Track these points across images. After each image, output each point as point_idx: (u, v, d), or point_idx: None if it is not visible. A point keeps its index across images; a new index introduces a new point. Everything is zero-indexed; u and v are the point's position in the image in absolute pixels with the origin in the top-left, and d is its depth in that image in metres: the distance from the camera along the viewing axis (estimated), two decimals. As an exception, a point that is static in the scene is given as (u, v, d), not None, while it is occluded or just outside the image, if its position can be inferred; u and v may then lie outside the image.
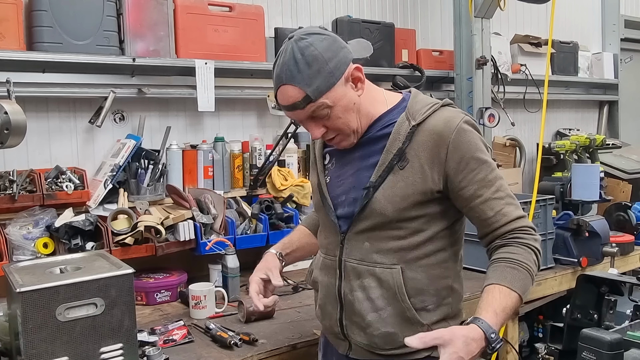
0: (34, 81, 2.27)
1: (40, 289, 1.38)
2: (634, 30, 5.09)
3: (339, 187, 1.48)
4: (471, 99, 3.35)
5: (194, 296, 2.07)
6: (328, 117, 1.37)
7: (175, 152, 2.58)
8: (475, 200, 1.39)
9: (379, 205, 1.39)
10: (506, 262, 1.36)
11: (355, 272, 1.44)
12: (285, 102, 1.36)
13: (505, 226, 1.39)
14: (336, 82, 1.34)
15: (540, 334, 2.69)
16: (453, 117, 1.38)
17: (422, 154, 1.37)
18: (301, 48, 1.31)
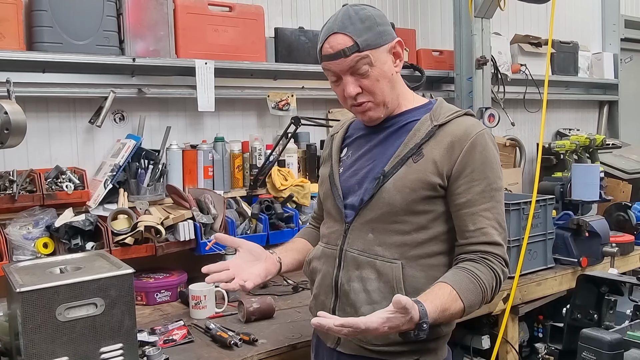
0: (34, 81, 2.27)
1: (40, 289, 1.38)
2: (634, 30, 5.09)
3: (352, 177, 1.51)
4: (471, 99, 3.36)
5: (194, 296, 2.07)
6: (367, 76, 1.41)
7: (175, 152, 2.58)
8: (463, 210, 1.40)
9: (388, 194, 1.41)
10: (468, 272, 1.37)
11: (355, 263, 1.45)
12: (331, 50, 1.39)
13: (480, 245, 1.39)
14: (383, 44, 1.41)
15: (540, 334, 2.69)
16: (474, 126, 1.43)
17: (437, 152, 1.41)
18: (355, 9, 1.40)
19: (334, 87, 1.48)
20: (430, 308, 1.25)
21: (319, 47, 1.43)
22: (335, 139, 1.63)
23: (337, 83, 1.45)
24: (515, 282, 2.34)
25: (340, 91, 1.45)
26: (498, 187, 1.43)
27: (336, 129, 1.67)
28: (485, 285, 1.37)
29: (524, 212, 2.45)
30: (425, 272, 1.43)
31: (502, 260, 1.41)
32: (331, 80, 1.47)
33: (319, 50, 1.43)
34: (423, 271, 1.42)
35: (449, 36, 3.55)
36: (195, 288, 2.09)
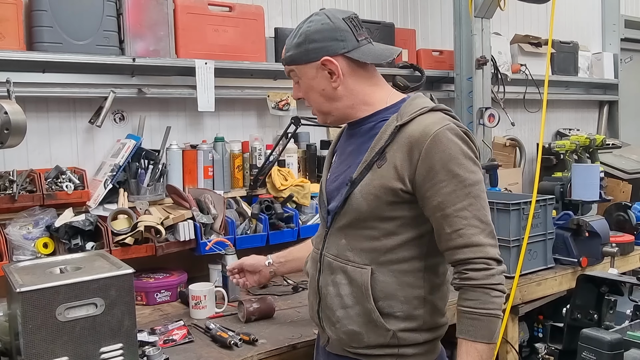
0: (34, 81, 2.27)
1: (40, 289, 1.38)
2: (634, 30, 5.09)
3: (333, 182, 1.54)
4: (471, 99, 3.36)
5: (194, 296, 2.07)
6: (299, 85, 1.52)
7: (175, 152, 2.58)
8: (437, 213, 1.35)
9: (355, 201, 1.42)
10: (467, 313, 1.34)
11: (330, 267, 1.49)
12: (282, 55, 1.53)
13: (458, 251, 1.35)
14: (308, 61, 1.45)
15: (540, 334, 2.69)
16: (434, 123, 1.36)
17: (398, 155, 1.37)
18: (307, 21, 1.47)
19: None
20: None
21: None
22: (333, 141, 1.68)
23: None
24: (515, 282, 2.34)
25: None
26: (472, 182, 1.35)
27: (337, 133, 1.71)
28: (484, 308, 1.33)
29: (524, 212, 2.45)
30: (397, 277, 1.41)
31: (483, 262, 1.34)
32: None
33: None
34: (395, 277, 1.41)
35: (449, 36, 3.55)
36: (195, 288, 2.09)
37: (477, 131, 3.35)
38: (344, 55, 1.44)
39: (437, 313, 1.47)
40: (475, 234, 1.34)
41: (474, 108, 3.34)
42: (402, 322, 1.42)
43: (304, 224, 2.70)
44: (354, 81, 1.47)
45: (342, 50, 1.44)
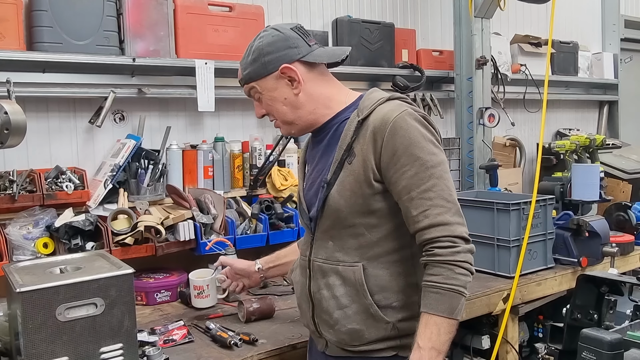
0: (34, 81, 2.27)
1: (40, 289, 1.38)
2: (634, 30, 5.09)
3: (310, 190, 1.56)
4: (471, 99, 3.36)
5: (196, 286, 2.05)
6: (261, 101, 1.53)
7: (175, 152, 2.58)
8: (403, 197, 1.38)
9: (334, 202, 1.43)
10: (430, 287, 1.36)
11: (321, 271, 1.50)
12: (239, 77, 1.56)
13: (424, 232, 1.37)
14: (267, 74, 1.48)
15: (540, 334, 2.69)
16: (392, 110, 1.40)
17: (365, 147, 1.40)
18: (257, 38, 1.51)
19: None
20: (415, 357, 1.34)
21: None
22: (302, 152, 1.69)
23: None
24: (515, 282, 2.34)
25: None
26: (434, 163, 1.37)
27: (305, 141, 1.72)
28: (447, 283, 1.35)
29: (524, 212, 2.45)
30: (389, 268, 1.44)
31: (449, 240, 1.35)
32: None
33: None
34: (386, 268, 1.44)
35: (449, 36, 3.55)
36: (196, 277, 2.08)
37: (477, 131, 3.35)
38: (300, 60, 1.48)
39: None
40: (440, 214, 1.36)
41: (474, 108, 3.34)
42: (400, 312, 1.45)
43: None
44: (313, 85, 1.50)
45: (298, 56, 1.48)
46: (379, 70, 3.26)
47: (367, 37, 3.19)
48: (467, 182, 3.39)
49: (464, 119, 3.40)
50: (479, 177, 3.34)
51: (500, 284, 2.37)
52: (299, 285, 1.60)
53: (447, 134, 3.63)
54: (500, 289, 2.33)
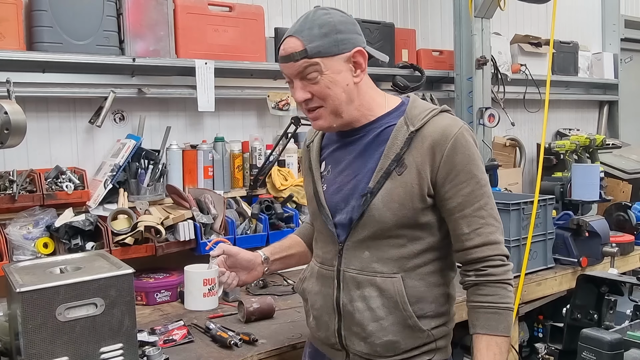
0: (34, 81, 2.27)
1: (40, 289, 1.38)
2: (634, 30, 5.09)
3: (336, 194, 1.45)
4: (471, 99, 3.35)
5: (206, 280, 1.98)
6: (316, 82, 1.36)
7: (175, 152, 2.58)
8: (456, 214, 1.37)
9: (377, 212, 1.37)
10: (487, 308, 1.38)
11: (355, 282, 1.42)
12: (283, 53, 1.37)
13: (476, 250, 1.37)
14: (338, 54, 1.35)
15: (540, 334, 2.69)
16: (452, 125, 1.38)
17: (419, 160, 1.36)
18: (320, 13, 1.36)
19: (290, 89, 1.42)
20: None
21: (278, 49, 1.39)
22: (313, 150, 1.55)
23: (291, 86, 1.41)
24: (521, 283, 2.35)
25: (293, 94, 1.41)
26: (486, 182, 1.40)
27: (310, 138, 1.59)
28: (505, 303, 1.37)
29: (524, 212, 2.45)
30: (424, 279, 1.42)
31: (502, 260, 1.39)
32: (286, 82, 1.42)
33: (279, 51, 1.39)
34: (422, 279, 1.42)
35: (449, 36, 3.54)
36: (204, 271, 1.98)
37: (477, 131, 3.35)
38: (365, 50, 1.39)
39: (454, 302, 1.52)
40: (492, 232, 1.38)
41: (474, 108, 3.34)
42: (434, 320, 1.44)
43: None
44: (364, 81, 1.43)
45: (364, 44, 1.40)
46: (379, 70, 3.25)
47: (367, 37, 3.13)
48: (467, 182, 3.38)
49: (464, 119, 3.37)
50: (479, 177, 3.34)
51: (500, 284, 2.36)
52: (321, 296, 1.48)
53: (447, 134, 3.62)
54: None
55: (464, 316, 2.19)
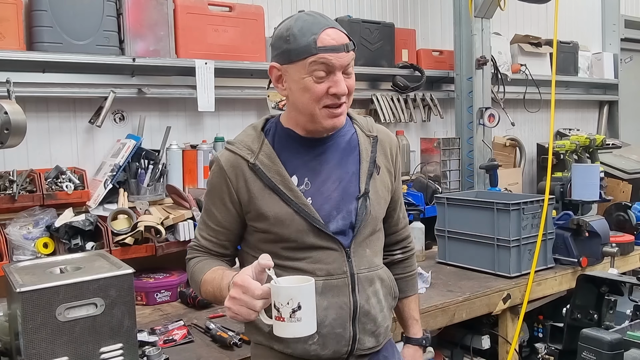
0: (34, 81, 2.27)
1: (40, 289, 1.38)
2: (634, 30, 5.09)
3: (326, 203, 1.42)
4: (471, 99, 3.35)
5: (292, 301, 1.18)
6: (350, 77, 1.38)
7: (175, 152, 2.58)
8: (398, 203, 1.63)
9: (373, 210, 1.47)
10: (412, 276, 1.70)
11: (367, 281, 1.46)
12: (334, 42, 1.33)
13: (404, 230, 1.68)
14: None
15: (540, 334, 2.69)
16: (390, 132, 1.62)
17: (384, 161, 1.54)
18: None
19: (315, 83, 1.34)
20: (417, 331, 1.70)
21: (313, 39, 1.32)
22: (270, 169, 1.40)
23: (324, 79, 1.34)
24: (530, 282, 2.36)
25: (322, 88, 1.34)
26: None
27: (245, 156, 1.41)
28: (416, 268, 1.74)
29: (524, 212, 2.45)
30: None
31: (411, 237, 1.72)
32: (317, 76, 1.33)
33: (313, 42, 1.32)
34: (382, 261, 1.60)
35: (449, 36, 3.55)
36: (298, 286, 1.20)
37: (477, 131, 3.35)
38: None
39: None
40: (406, 216, 1.71)
41: (474, 108, 3.34)
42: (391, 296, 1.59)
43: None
44: None
45: None
46: (379, 70, 3.26)
47: (367, 37, 3.19)
48: (467, 182, 3.39)
49: (464, 119, 3.40)
50: (479, 177, 3.34)
51: (500, 284, 2.37)
52: (333, 309, 1.40)
53: (447, 134, 3.63)
54: (500, 289, 2.33)
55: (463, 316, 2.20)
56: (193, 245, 1.52)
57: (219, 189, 1.43)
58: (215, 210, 1.45)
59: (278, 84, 1.41)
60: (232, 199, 1.42)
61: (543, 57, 4.15)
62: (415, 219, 2.77)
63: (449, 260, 2.68)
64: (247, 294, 1.17)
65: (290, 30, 1.38)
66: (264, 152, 1.42)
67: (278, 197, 1.39)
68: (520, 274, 2.45)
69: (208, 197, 1.47)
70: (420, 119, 3.49)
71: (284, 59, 1.37)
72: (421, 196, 3.05)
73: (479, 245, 2.54)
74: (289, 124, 1.45)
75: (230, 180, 1.41)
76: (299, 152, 1.44)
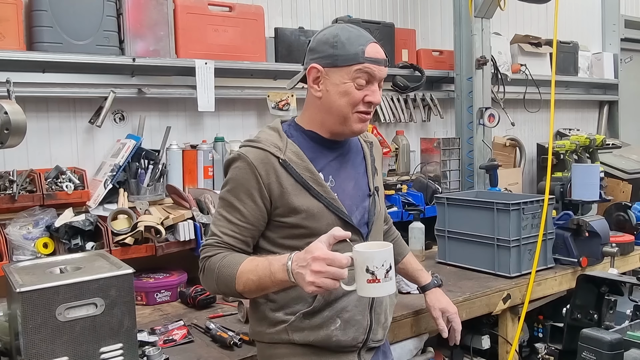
0: (34, 81, 2.27)
1: (40, 289, 1.38)
2: (634, 30, 5.09)
3: (347, 200, 1.53)
4: (471, 99, 3.35)
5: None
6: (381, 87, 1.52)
7: (175, 152, 2.58)
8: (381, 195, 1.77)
9: (380, 206, 1.63)
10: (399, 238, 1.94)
11: None
12: (379, 56, 1.50)
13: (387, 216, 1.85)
14: None
15: (540, 334, 2.69)
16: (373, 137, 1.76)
17: (377, 163, 1.69)
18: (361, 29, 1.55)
19: (355, 89, 1.46)
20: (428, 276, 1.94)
21: (361, 49, 1.45)
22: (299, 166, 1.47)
23: (363, 87, 1.47)
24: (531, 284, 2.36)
25: (360, 95, 1.46)
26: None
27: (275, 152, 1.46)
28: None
29: (523, 212, 2.45)
30: None
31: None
32: (358, 84, 1.45)
33: (361, 52, 1.45)
34: None
35: (449, 36, 3.55)
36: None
37: (477, 131, 3.35)
38: None
39: None
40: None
41: (474, 108, 3.34)
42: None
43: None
44: None
45: None
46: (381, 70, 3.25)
47: (367, 37, 3.19)
48: (467, 182, 3.39)
49: (464, 119, 3.40)
50: (479, 177, 3.34)
51: (500, 284, 2.37)
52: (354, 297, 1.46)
53: (447, 134, 3.63)
54: (500, 289, 2.33)
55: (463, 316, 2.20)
56: (213, 243, 1.51)
57: (247, 184, 1.45)
58: (241, 206, 1.46)
59: (314, 84, 1.49)
60: (262, 194, 1.45)
61: (543, 57, 4.15)
62: (415, 219, 2.77)
63: (448, 260, 2.68)
64: (333, 265, 1.23)
65: (338, 37, 1.46)
66: (290, 149, 1.48)
67: (308, 193, 1.46)
68: (520, 274, 2.44)
69: (231, 193, 1.47)
70: (420, 119, 3.49)
71: (327, 62, 1.46)
72: (421, 196, 3.05)
73: (479, 245, 2.54)
74: (311, 126, 1.53)
75: (260, 175, 1.44)
76: (322, 152, 1.53)
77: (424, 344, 2.17)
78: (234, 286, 1.41)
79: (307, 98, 1.55)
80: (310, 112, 1.54)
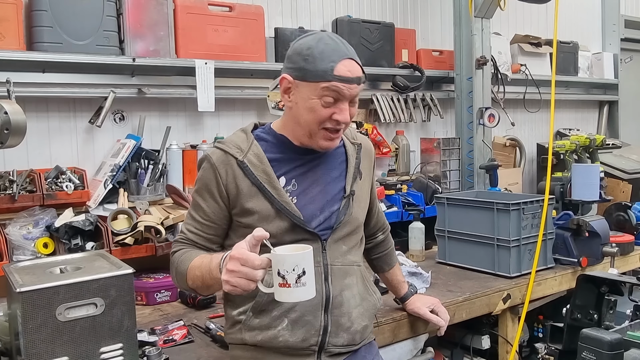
0: (34, 81, 2.27)
1: (40, 289, 1.38)
2: (634, 30, 5.10)
3: (311, 204, 1.50)
4: (471, 99, 3.35)
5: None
6: (354, 105, 1.47)
7: (175, 152, 2.58)
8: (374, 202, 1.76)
9: (355, 211, 1.57)
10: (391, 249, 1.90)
11: (342, 272, 1.54)
12: (350, 74, 1.42)
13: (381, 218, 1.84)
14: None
15: (540, 334, 2.69)
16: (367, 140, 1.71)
17: (366, 168, 1.64)
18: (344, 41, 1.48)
19: (322, 107, 1.42)
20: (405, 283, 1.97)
21: (331, 67, 1.39)
22: (258, 169, 1.47)
23: (330, 105, 1.42)
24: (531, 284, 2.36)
25: (326, 113, 1.42)
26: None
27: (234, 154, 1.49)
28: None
29: (523, 212, 2.45)
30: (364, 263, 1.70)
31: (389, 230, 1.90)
32: (325, 101, 1.41)
33: (330, 69, 1.39)
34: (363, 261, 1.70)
35: (449, 36, 3.55)
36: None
37: (477, 131, 3.35)
38: None
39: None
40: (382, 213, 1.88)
41: (474, 108, 3.34)
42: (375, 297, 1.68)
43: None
44: None
45: None
46: (379, 70, 3.26)
47: (367, 37, 3.19)
48: (467, 182, 3.39)
49: (464, 119, 3.40)
50: (479, 177, 3.34)
51: (500, 284, 2.37)
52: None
53: (447, 134, 3.63)
54: (500, 289, 2.33)
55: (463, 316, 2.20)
56: (179, 239, 1.57)
57: (209, 184, 1.49)
58: (204, 205, 1.50)
59: (285, 94, 1.48)
60: (222, 194, 1.48)
61: (543, 57, 4.15)
62: (415, 219, 2.77)
63: (449, 260, 2.68)
64: (246, 265, 1.22)
65: (311, 50, 1.42)
66: (252, 152, 1.50)
67: (262, 195, 1.46)
68: (520, 274, 2.44)
69: (198, 192, 1.52)
70: (420, 119, 3.49)
71: (298, 75, 1.44)
72: (421, 196, 3.05)
73: (479, 245, 2.54)
74: (284, 131, 1.53)
75: (220, 175, 1.48)
76: (290, 157, 1.52)
77: (424, 344, 2.16)
78: (185, 281, 1.47)
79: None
80: (285, 118, 1.55)
